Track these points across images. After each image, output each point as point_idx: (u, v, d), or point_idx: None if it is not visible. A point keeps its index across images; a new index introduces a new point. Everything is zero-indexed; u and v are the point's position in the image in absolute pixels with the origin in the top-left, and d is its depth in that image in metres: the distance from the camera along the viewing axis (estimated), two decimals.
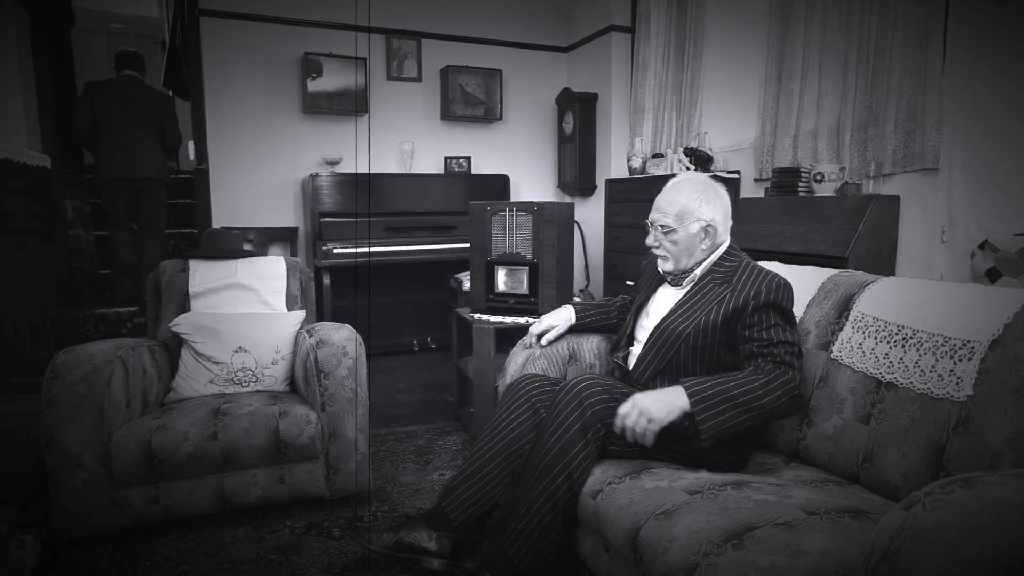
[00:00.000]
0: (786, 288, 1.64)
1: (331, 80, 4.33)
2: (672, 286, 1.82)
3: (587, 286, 4.83)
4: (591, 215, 4.79)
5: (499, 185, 4.79)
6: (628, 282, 3.71)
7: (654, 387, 1.67)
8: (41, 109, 3.73)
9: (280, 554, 1.91)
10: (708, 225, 1.70)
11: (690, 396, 1.48)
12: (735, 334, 1.64)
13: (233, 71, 4.20)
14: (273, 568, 1.83)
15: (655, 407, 1.48)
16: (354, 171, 4.41)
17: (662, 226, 1.74)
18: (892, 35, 2.71)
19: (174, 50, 4.82)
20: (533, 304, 2.67)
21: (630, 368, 1.80)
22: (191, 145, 4.15)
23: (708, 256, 1.75)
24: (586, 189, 4.82)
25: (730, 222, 1.77)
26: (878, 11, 2.77)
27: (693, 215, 1.70)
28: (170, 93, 4.55)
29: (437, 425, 3.06)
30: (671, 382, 1.62)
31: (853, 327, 1.61)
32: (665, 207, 1.74)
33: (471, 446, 2.72)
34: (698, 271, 1.75)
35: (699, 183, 1.75)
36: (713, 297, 1.68)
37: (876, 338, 1.54)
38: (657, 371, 1.72)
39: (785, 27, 3.26)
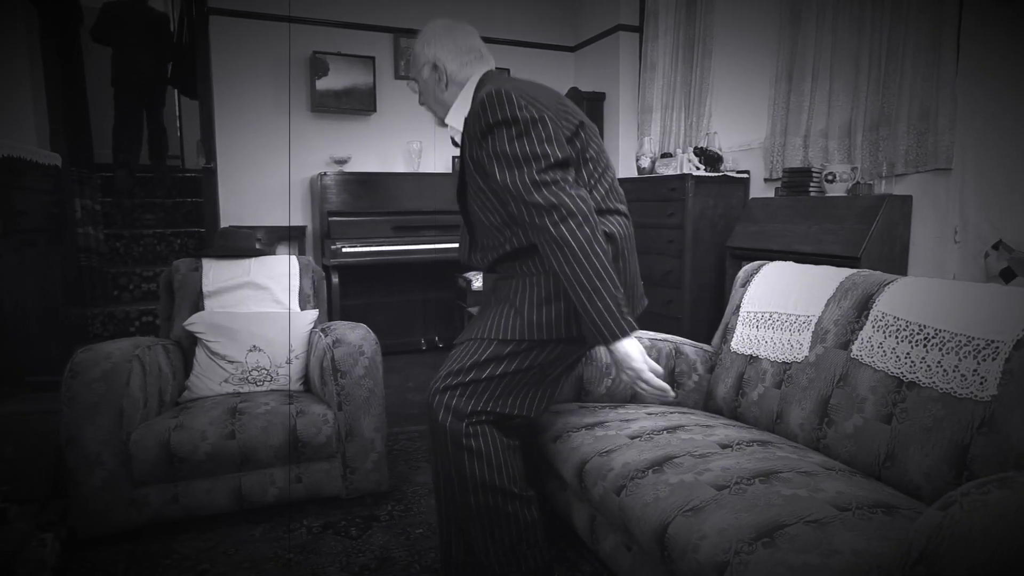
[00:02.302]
0: (494, 98, 1.42)
1: (339, 79, 4.34)
2: None
3: None
4: None
5: None
6: None
7: (476, 262, 1.61)
8: (51, 107, 3.72)
9: (298, 553, 1.91)
10: (433, 64, 1.61)
11: (603, 333, 1.37)
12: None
13: (241, 70, 4.20)
14: (292, 567, 1.84)
15: (634, 360, 1.38)
16: (362, 170, 4.41)
17: (412, 80, 1.70)
18: (905, 35, 2.71)
19: (181, 48, 4.82)
20: None
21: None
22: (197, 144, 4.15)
23: (456, 99, 1.62)
24: None
25: (474, 55, 1.62)
26: (890, 11, 2.77)
27: (419, 59, 1.63)
28: (169, 17, 5.21)
29: None
30: (482, 253, 1.59)
31: (873, 326, 1.62)
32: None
33: None
34: (454, 121, 1.64)
35: (427, 27, 1.65)
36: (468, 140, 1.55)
37: (897, 337, 1.54)
38: (470, 246, 1.64)
39: (795, 27, 3.26)
